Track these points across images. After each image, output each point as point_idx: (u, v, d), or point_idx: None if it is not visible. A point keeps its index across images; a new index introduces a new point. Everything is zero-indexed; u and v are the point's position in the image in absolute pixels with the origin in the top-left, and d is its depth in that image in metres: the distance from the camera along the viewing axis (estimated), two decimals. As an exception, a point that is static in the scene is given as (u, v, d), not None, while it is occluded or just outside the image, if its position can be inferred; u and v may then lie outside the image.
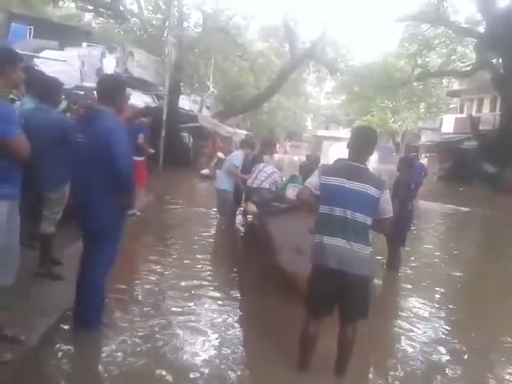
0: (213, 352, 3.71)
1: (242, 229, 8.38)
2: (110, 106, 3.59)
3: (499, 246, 10.46)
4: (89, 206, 3.58)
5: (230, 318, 4.42)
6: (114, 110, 3.62)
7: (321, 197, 3.32)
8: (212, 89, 23.79)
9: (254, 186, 7.44)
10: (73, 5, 23.57)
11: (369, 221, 3.24)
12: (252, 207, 6.74)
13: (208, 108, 25.80)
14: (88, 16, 24.97)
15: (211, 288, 5.19)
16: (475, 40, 25.07)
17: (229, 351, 3.75)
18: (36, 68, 8.94)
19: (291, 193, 5.85)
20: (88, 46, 15.54)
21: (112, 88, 3.67)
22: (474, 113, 29.40)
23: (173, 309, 4.50)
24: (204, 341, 3.89)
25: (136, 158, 8.33)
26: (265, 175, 7.44)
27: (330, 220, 3.23)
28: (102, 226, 3.58)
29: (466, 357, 4.21)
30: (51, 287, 4.33)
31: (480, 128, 25.29)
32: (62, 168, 4.07)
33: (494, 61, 24.31)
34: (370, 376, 3.72)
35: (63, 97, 5.61)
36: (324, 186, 3.30)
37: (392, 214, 3.40)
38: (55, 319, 3.80)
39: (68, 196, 4.41)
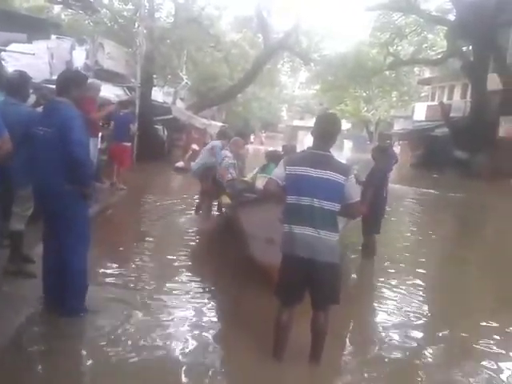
0: (188, 342, 3.74)
1: (217, 220, 8.39)
2: (69, 99, 3.72)
3: (474, 228, 10.78)
4: (49, 196, 3.71)
5: (205, 309, 4.47)
6: (73, 103, 3.74)
7: (287, 187, 3.34)
8: (186, 80, 23.55)
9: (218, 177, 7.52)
10: (41, -4, 23.05)
11: (336, 207, 3.28)
12: (226, 199, 6.76)
13: (182, 100, 25.56)
14: (57, 8, 24.38)
15: (186, 279, 5.24)
16: (446, 28, 25.41)
17: (203, 342, 3.78)
18: (1, 62, 8.74)
19: (261, 183, 5.87)
20: (57, 38, 15.22)
21: (69, 81, 3.81)
22: (445, 100, 29.85)
23: (149, 300, 4.53)
24: (179, 330, 3.93)
25: (125, 144, 10.34)
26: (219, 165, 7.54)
27: (298, 209, 3.27)
28: (64, 215, 3.70)
29: (443, 342, 4.29)
30: (23, 284, 4.29)
31: (451, 115, 25.76)
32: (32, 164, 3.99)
33: (465, 48, 24.70)
34: (346, 363, 3.78)
35: (31, 91, 5.51)
36: (289, 176, 3.32)
37: (359, 199, 3.46)
38: (28, 316, 3.79)
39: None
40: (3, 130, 3.53)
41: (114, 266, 5.44)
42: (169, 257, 5.99)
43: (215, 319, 4.32)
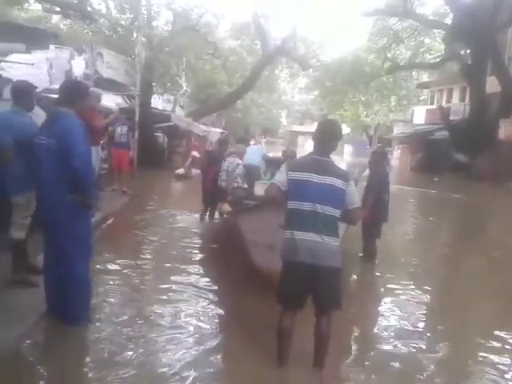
0: (192, 350, 3.72)
1: (219, 228, 8.37)
2: (71, 109, 3.72)
3: (476, 230, 10.85)
4: (52, 206, 3.69)
5: (207, 315, 4.45)
6: (76, 113, 3.74)
7: (289, 192, 3.34)
8: (185, 87, 23.64)
9: (223, 185, 7.50)
10: (39, 7, 23.14)
11: (337, 213, 3.29)
12: (226, 207, 6.76)
13: (182, 107, 25.64)
14: (55, 18, 24.51)
15: (188, 286, 5.22)
16: (443, 32, 25.48)
17: (207, 349, 3.77)
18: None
19: (260, 190, 5.88)
20: (56, 48, 15.31)
21: (72, 91, 3.83)
22: (444, 103, 29.94)
23: (152, 308, 4.52)
24: (183, 339, 3.90)
25: (124, 150, 10.87)
26: (230, 173, 7.47)
27: (300, 215, 3.27)
28: (66, 225, 3.68)
29: (444, 346, 4.25)
30: (26, 294, 4.26)
31: (450, 118, 25.77)
32: (29, 172, 3.98)
33: (462, 52, 24.73)
34: (350, 367, 3.75)
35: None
36: (292, 181, 3.33)
37: (359, 204, 3.49)
38: (30, 325, 3.78)
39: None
40: None
41: (117, 271, 5.44)
42: (169, 264, 5.96)
43: (217, 326, 4.31)
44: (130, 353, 3.57)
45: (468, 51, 23.89)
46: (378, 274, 6.37)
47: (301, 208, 3.27)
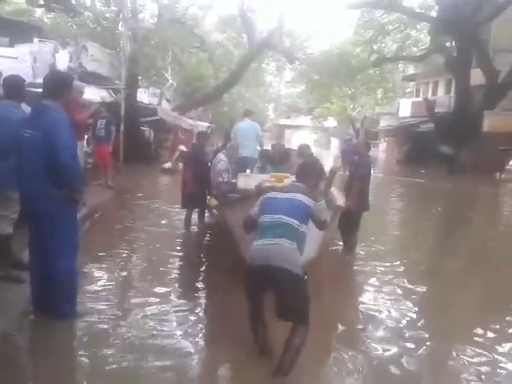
0: (179, 344, 3.73)
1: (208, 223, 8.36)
2: (56, 101, 3.69)
3: (458, 219, 11.06)
4: (37, 200, 3.66)
5: (195, 309, 4.47)
6: (61, 105, 3.72)
7: (261, 211, 3.53)
8: (171, 81, 23.51)
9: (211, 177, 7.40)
10: (23, 0, 22.80)
11: (296, 224, 3.35)
12: (213, 201, 6.76)
13: (168, 101, 25.46)
14: (39, 11, 24.17)
15: (176, 280, 5.26)
16: (429, 24, 25.60)
17: (194, 343, 3.78)
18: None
19: (242, 183, 5.88)
20: (40, 41, 15.11)
21: (57, 83, 3.80)
22: (429, 96, 30.13)
23: (137, 300, 4.54)
24: (170, 333, 3.91)
25: (104, 144, 10.56)
26: (214, 166, 7.30)
27: (262, 226, 3.42)
28: (52, 220, 3.65)
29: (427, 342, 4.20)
30: (11, 289, 4.25)
31: (436, 110, 25.94)
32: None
33: (448, 44, 24.88)
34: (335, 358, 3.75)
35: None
36: (262, 200, 3.61)
37: (325, 218, 3.67)
38: (14, 319, 3.79)
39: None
40: None
41: (103, 266, 5.44)
42: (156, 261, 5.95)
43: (204, 319, 4.33)
44: (115, 348, 3.59)
45: (453, 44, 24.05)
46: (360, 267, 6.37)
47: (263, 220, 3.44)
